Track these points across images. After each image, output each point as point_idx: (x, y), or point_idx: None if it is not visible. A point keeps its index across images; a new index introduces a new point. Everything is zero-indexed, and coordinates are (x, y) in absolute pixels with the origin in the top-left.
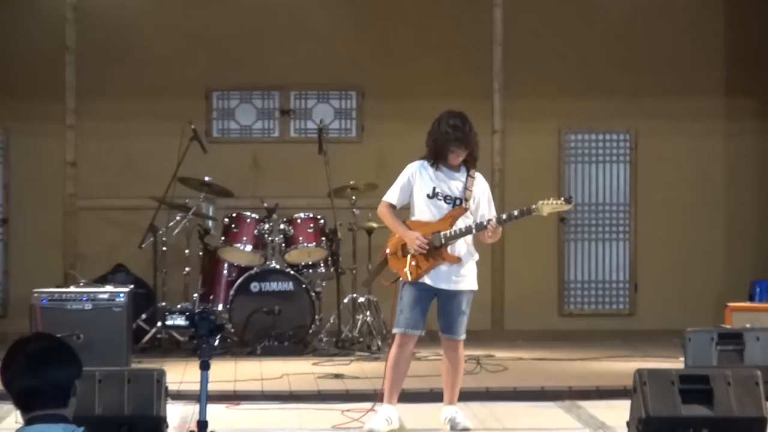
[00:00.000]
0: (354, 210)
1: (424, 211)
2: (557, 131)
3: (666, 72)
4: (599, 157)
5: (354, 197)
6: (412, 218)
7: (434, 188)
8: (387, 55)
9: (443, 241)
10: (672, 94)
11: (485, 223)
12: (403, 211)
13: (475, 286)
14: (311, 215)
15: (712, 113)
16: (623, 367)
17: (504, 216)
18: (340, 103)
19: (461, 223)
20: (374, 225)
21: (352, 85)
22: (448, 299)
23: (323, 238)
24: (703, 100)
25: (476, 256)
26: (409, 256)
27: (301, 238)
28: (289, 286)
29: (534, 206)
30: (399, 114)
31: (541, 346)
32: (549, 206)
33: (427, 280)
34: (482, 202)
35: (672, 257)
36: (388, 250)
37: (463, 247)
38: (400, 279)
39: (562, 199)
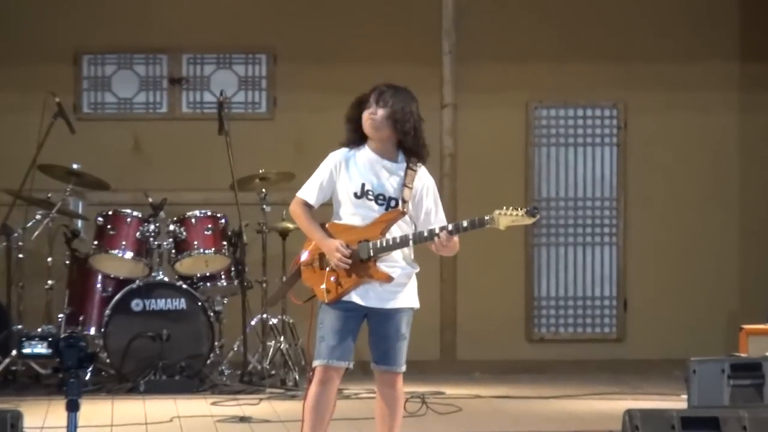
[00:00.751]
0: (264, 207)
1: (350, 214)
2: (524, 105)
3: (665, 31)
4: (578, 138)
5: (264, 190)
6: (334, 221)
7: (363, 185)
8: (306, 9)
9: (371, 254)
10: (672, 59)
11: (433, 233)
12: (324, 210)
13: (416, 303)
14: (209, 213)
15: (724, 82)
16: (610, 407)
17: (450, 226)
18: (245, 70)
19: (397, 231)
20: (290, 226)
21: (262, 46)
22: (382, 321)
23: (225, 243)
24: (712, 65)
25: (416, 268)
26: (327, 270)
27: (196, 243)
28: (180, 304)
29: (488, 217)
30: (321, 83)
31: (505, 381)
32: (507, 218)
33: (354, 297)
34: (425, 203)
35: (671, 267)
36: (302, 258)
37: (398, 260)
38: (318, 301)
39: (524, 210)
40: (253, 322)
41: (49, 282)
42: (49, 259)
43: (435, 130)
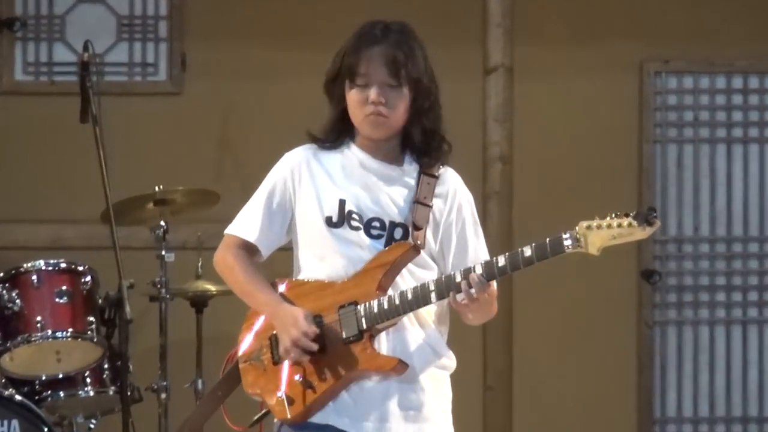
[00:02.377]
0: (164, 253)
1: (321, 257)
2: (637, 69)
3: None
4: (734, 129)
5: (164, 224)
6: (297, 276)
7: (342, 203)
8: None
9: (364, 326)
10: None
11: (461, 277)
12: (280, 260)
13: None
14: (63, 266)
15: None
16: None
17: (502, 260)
18: (129, 10)
19: (409, 280)
20: (211, 288)
21: None
22: None
23: (92, 320)
24: None
25: (452, 360)
26: (286, 365)
27: (39, 320)
28: (11, 430)
29: (567, 236)
30: (270, 27)
31: None
32: (602, 233)
33: (334, 415)
34: (457, 229)
35: None
36: (242, 348)
37: (413, 333)
38: (275, 419)
39: (630, 217)
40: None
41: None
42: None
43: (472, 113)
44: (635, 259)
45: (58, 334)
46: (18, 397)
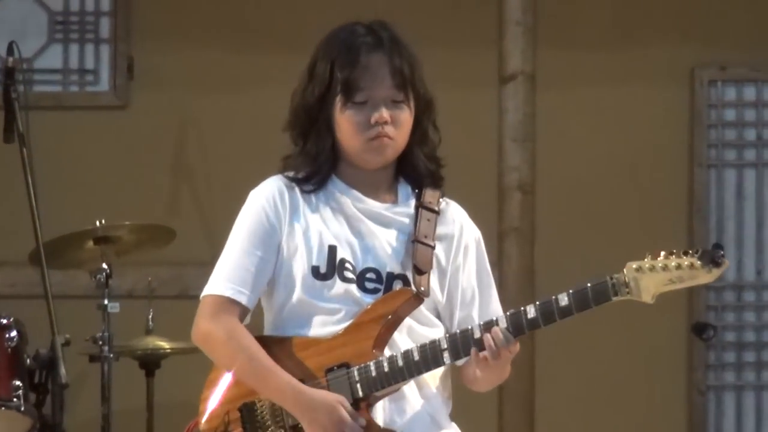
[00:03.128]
0: (106, 303)
1: (305, 312)
2: (688, 76)
3: None
4: None
5: (106, 266)
6: (270, 331)
7: (332, 250)
8: None
9: (361, 394)
10: None
11: (480, 332)
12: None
13: None
14: None
15: None
16: None
17: (532, 311)
18: (64, 5)
19: (406, 338)
20: (163, 345)
21: None
22: None
23: (18, 383)
24: None
25: (453, 427)
26: None
27: None
28: None
29: (613, 280)
30: (224, 28)
31: None
32: (658, 276)
33: None
34: (466, 275)
35: None
36: (201, 427)
37: (412, 400)
38: None
39: (694, 256)
40: None
41: None
42: None
43: (485, 131)
44: (685, 310)
45: None
46: None
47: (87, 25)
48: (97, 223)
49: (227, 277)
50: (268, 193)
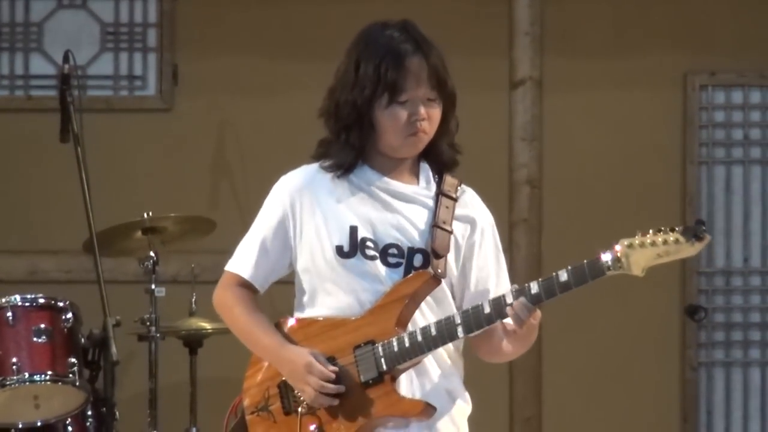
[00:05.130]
0: (153, 288)
1: (330, 292)
2: (681, 82)
3: None
4: None
5: (153, 254)
6: (300, 313)
7: (354, 230)
8: None
9: (385, 367)
10: None
11: (502, 304)
12: (283, 292)
13: None
14: (40, 301)
15: None
16: None
17: (535, 287)
18: (115, 11)
19: (428, 314)
20: (206, 326)
21: None
22: None
23: (73, 361)
24: None
25: (468, 402)
26: (301, 414)
27: (15, 361)
28: None
29: (607, 256)
30: (273, 36)
31: None
32: (646, 252)
33: None
34: (480, 257)
35: None
36: (245, 401)
37: (429, 373)
38: None
39: (677, 231)
40: None
41: None
42: None
43: (496, 131)
44: (678, 294)
45: (36, 377)
46: None
47: (135, 36)
48: (145, 215)
49: (238, 255)
50: (292, 183)
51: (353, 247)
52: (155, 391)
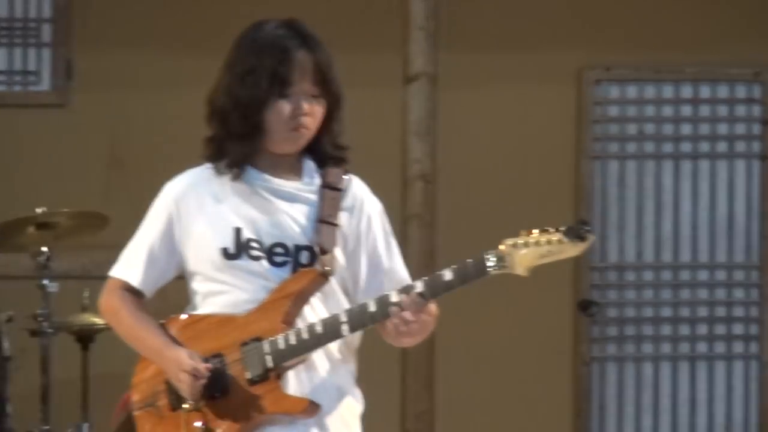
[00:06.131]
0: (45, 283)
1: (222, 291)
2: (575, 77)
3: None
4: (682, 144)
5: (46, 249)
6: (190, 312)
7: (238, 231)
8: None
9: (271, 365)
10: None
11: (389, 302)
12: (176, 286)
13: None
14: None
15: None
16: None
17: (420, 286)
18: (9, 12)
19: (319, 309)
20: (99, 321)
21: None
22: None
23: None
24: None
25: (359, 400)
26: (186, 410)
27: None
28: None
29: (491, 256)
30: (157, 33)
31: None
32: (530, 252)
33: None
34: (368, 247)
35: None
36: (134, 397)
37: (319, 370)
38: None
39: (560, 231)
40: None
41: None
42: None
43: (390, 127)
44: (571, 289)
45: None
46: None
47: (30, 31)
48: (38, 210)
49: (124, 261)
50: (177, 188)
51: (238, 249)
52: (48, 387)
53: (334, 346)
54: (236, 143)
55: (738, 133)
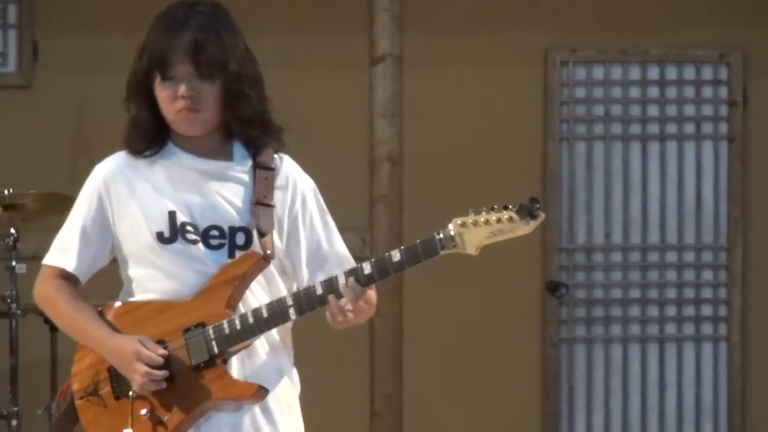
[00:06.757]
0: (14, 264)
1: (154, 278)
2: (541, 58)
3: None
4: (648, 125)
5: (14, 231)
6: (126, 299)
7: (171, 215)
8: None
9: (216, 350)
10: None
11: (334, 286)
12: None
13: None
14: None
15: None
16: None
17: (368, 267)
18: None
19: (258, 293)
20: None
21: None
22: None
23: None
24: None
25: (296, 382)
26: (132, 399)
27: None
28: None
29: (440, 235)
30: (123, 15)
31: None
32: (479, 231)
33: None
34: (306, 226)
35: None
36: (74, 386)
37: (260, 354)
38: None
39: (512, 210)
40: None
41: None
42: None
43: (357, 108)
44: (539, 270)
45: None
46: None
47: None
48: (5, 191)
49: (57, 248)
50: (106, 171)
51: (174, 233)
52: (16, 368)
53: (273, 329)
54: (137, 128)
55: (705, 115)
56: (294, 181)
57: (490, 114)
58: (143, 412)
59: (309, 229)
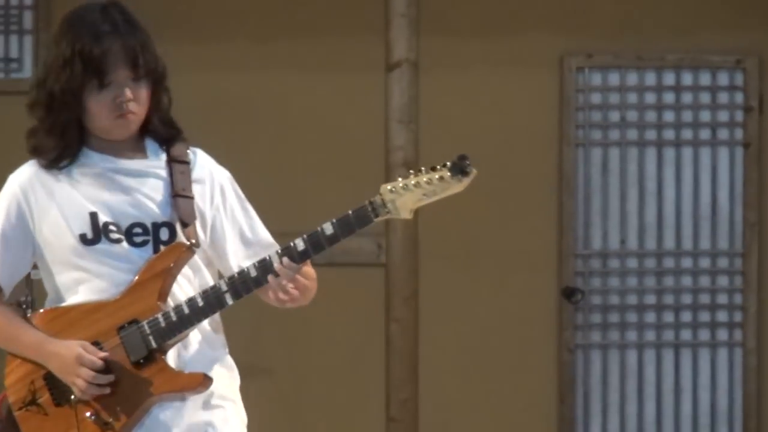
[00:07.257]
0: (30, 271)
1: (84, 278)
2: (557, 64)
3: None
4: (665, 131)
5: None
6: (54, 305)
7: (93, 216)
8: None
9: (154, 345)
10: None
11: (268, 266)
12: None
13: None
14: None
15: None
16: None
17: (301, 243)
18: None
19: (187, 285)
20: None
21: None
22: None
23: None
24: None
25: (233, 367)
26: (74, 404)
27: None
28: None
29: (373, 201)
30: (141, 19)
31: None
32: (411, 193)
33: None
34: (226, 216)
35: None
36: (10, 399)
37: (195, 344)
38: None
39: (442, 169)
40: None
41: None
42: None
43: (373, 114)
44: (555, 276)
45: None
46: None
47: (11, 18)
48: None
49: None
50: (22, 178)
51: (97, 234)
52: None
53: (204, 321)
54: (56, 138)
55: (721, 121)
56: (210, 173)
57: (506, 119)
58: (88, 414)
59: (231, 219)
